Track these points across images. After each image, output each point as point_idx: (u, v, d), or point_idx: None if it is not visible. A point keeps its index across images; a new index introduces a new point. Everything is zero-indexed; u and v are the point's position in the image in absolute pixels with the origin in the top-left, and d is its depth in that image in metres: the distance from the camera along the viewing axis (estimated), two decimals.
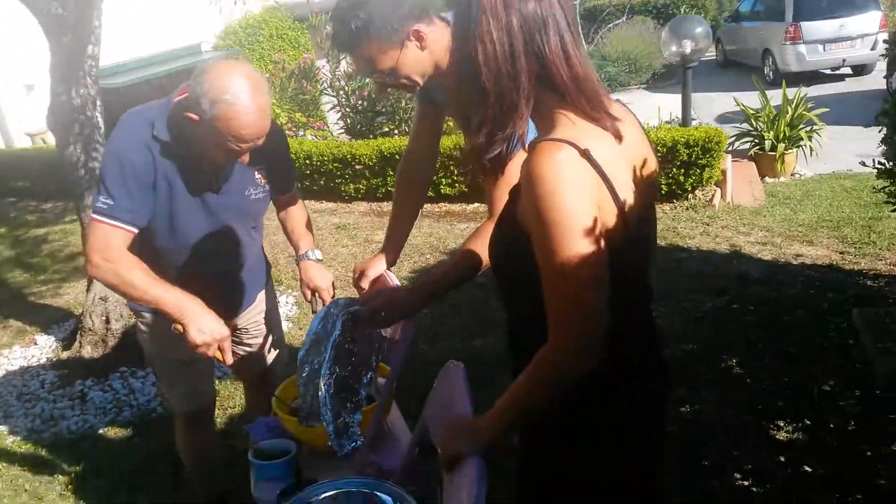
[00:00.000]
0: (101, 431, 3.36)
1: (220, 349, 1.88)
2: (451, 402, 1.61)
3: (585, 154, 1.13)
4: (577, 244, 1.12)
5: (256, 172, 2.10)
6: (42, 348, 4.28)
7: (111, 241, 1.85)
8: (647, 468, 1.42)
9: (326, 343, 1.73)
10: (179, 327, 1.85)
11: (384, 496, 1.65)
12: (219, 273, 2.15)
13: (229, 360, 1.92)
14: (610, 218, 1.17)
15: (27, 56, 8.40)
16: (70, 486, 2.96)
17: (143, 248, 1.95)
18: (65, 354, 4.03)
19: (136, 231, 1.89)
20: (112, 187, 1.85)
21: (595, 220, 1.13)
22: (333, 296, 2.26)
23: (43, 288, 5.31)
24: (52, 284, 5.36)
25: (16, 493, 2.95)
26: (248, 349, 2.40)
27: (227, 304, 2.22)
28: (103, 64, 3.77)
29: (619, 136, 1.21)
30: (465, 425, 1.40)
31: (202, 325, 1.84)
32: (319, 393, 1.72)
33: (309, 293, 2.25)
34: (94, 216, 1.87)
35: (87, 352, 3.88)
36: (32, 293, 5.23)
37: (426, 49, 1.83)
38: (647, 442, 1.40)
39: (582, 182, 1.13)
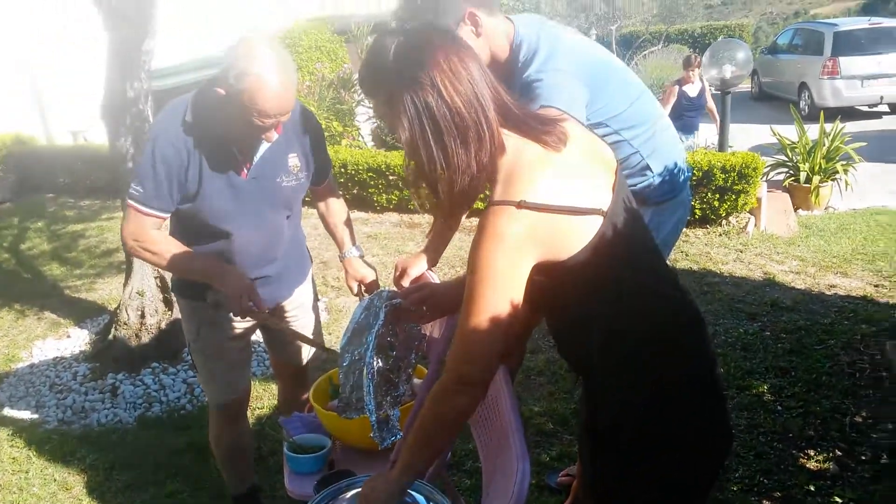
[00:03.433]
0: (130, 425, 3.40)
1: (251, 302, 1.99)
2: (496, 400, 1.63)
3: (521, 205, 1.21)
4: (485, 295, 1.24)
5: (290, 159, 2.11)
6: (75, 341, 4.35)
7: (142, 224, 1.99)
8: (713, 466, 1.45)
9: (369, 333, 1.74)
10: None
11: (416, 495, 1.66)
12: (253, 261, 2.17)
13: (261, 305, 2.03)
14: (576, 235, 1.26)
15: (73, 54, 8.64)
16: (98, 478, 3.00)
17: (180, 230, 2.07)
18: (98, 348, 4.10)
19: (164, 216, 2.01)
20: (143, 176, 1.95)
21: (513, 276, 1.24)
22: (377, 285, 2.30)
23: (78, 282, 5.40)
24: (87, 279, 5.46)
25: (45, 482, 3.00)
26: (284, 343, 2.43)
27: (263, 293, 2.25)
28: (154, 66, 3.86)
29: (564, 142, 1.30)
30: (380, 477, 1.48)
31: (226, 280, 1.99)
32: (364, 381, 1.73)
33: (356, 286, 2.29)
34: (128, 200, 1.98)
35: (121, 346, 3.94)
36: (67, 287, 5.33)
37: (481, 36, 1.89)
38: (708, 440, 1.41)
39: (517, 238, 1.22)
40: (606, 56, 2.14)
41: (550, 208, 1.22)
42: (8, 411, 3.60)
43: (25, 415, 3.55)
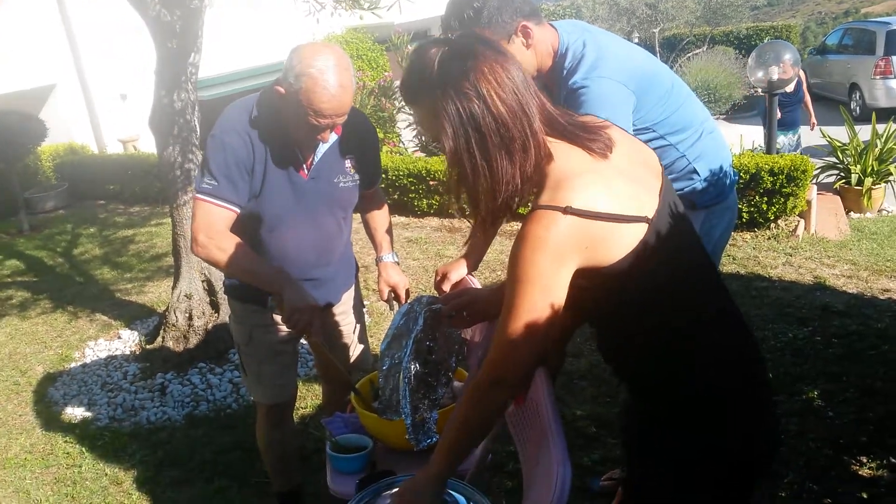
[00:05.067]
0: (178, 423, 3.48)
1: (310, 323, 1.95)
2: (536, 402, 1.62)
3: (567, 211, 1.20)
4: (525, 299, 1.23)
5: (347, 161, 2.15)
6: (126, 342, 4.47)
7: (214, 219, 1.97)
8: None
9: (408, 338, 1.76)
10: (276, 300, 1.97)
11: (457, 495, 1.66)
12: (308, 264, 2.19)
13: (318, 334, 2.00)
14: (620, 242, 1.24)
15: (122, 67, 8.91)
16: (147, 473, 3.07)
17: (238, 230, 2.05)
18: (147, 348, 4.20)
19: (237, 211, 1.99)
20: (215, 169, 1.95)
21: (555, 281, 1.22)
22: (408, 293, 2.31)
23: (128, 286, 5.55)
24: (137, 283, 5.60)
25: (97, 477, 3.09)
26: (329, 346, 2.45)
27: (315, 295, 2.27)
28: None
29: (610, 148, 1.29)
30: (419, 473, 1.46)
31: (297, 294, 1.95)
32: (400, 385, 1.74)
33: (386, 291, 2.32)
34: (199, 196, 1.98)
35: (169, 347, 4.03)
36: (118, 290, 5.48)
37: (531, 48, 1.90)
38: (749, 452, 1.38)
39: (561, 243, 1.20)
40: (651, 62, 2.12)
41: (596, 215, 1.20)
42: (62, 409, 3.71)
43: (78, 412, 3.66)
